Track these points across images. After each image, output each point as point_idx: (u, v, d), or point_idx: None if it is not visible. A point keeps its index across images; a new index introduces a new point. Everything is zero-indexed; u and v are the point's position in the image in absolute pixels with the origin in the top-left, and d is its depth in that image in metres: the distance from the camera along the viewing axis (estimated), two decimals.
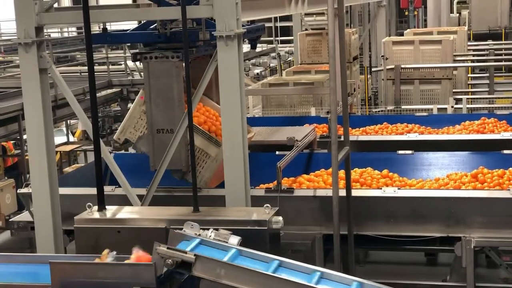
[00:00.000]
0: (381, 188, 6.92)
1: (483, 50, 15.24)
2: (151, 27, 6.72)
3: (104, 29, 6.58)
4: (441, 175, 7.73)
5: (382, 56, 12.75)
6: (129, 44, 15.30)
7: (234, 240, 4.35)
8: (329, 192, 6.31)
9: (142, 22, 7.07)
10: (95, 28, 6.17)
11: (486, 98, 12.84)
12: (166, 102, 6.50)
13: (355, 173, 7.67)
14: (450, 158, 8.01)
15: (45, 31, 6.12)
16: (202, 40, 6.20)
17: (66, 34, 25.39)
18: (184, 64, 5.50)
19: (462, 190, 7.00)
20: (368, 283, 4.15)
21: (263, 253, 4.32)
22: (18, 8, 5.85)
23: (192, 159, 5.47)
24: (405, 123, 9.70)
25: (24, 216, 7.40)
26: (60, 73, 6.24)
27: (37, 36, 5.86)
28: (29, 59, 5.88)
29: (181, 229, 4.43)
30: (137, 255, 4.31)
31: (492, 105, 12.11)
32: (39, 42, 5.90)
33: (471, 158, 7.94)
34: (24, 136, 11.06)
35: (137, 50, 7.22)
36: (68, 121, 15.28)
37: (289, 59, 18.17)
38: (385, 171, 7.75)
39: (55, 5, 6.05)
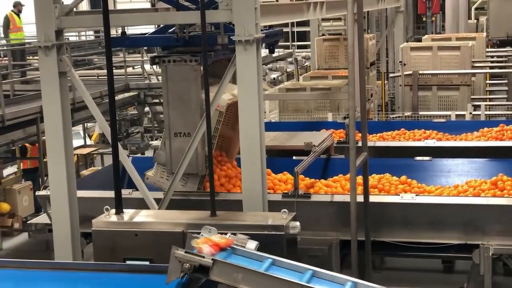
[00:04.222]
0: (399, 195, 6.88)
1: (502, 56, 15.14)
2: (169, 30, 6.73)
3: (123, 32, 6.61)
4: (460, 182, 7.67)
5: (400, 62, 12.68)
6: (146, 47, 15.34)
7: (252, 245, 4.34)
8: (346, 198, 6.29)
9: (160, 26, 7.09)
10: (112, 32, 6.20)
11: (505, 104, 12.75)
12: (184, 106, 6.50)
13: (373, 179, 7.63)
14: (469, 165, 7.95)
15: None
16: (220, 44, 6.21)
17: (83, 38, 25.48)
18: (202, 67, 5.50)
19: (481, 197, 6.95)
20: None
21: (283, 259, 4.29)
22: (38, 11, 5.87)
23: (209, 163, 5.46)
24: (423, 129, 9.63)
25: (42, 218, 7.44)
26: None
27: (57, 39, 5.89)
28: (49, 62, 5.90)
29: (198, 233, 4.42)
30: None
31: (510, 112, 12.01)
32: (59, 46, 5.93)
33: (491, 165, 7.88)
34: (43, 139, 11.11)
35: (154, 54, 7.22)
36: (85, 124, 15.32)
37: (306, 64, 18.13)
38: (403, 177, 7.71)
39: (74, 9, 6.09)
